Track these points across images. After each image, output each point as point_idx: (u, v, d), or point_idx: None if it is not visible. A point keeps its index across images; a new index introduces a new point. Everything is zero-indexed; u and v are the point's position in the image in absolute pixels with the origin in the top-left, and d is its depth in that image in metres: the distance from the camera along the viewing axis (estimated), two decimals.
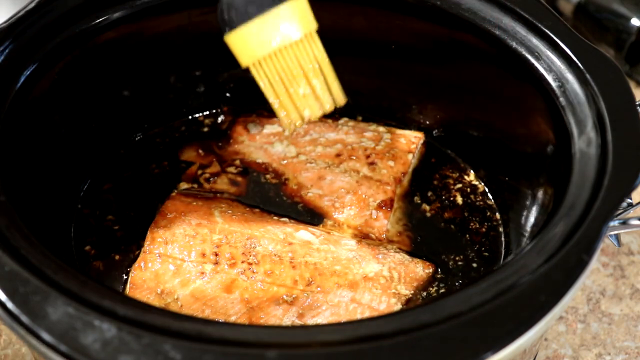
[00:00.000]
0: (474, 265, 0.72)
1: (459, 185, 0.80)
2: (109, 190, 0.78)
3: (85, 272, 0.70)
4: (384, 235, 0.74)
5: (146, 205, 0.76)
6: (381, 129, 0.82)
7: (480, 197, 0.79)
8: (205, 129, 0.85)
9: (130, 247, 0.72)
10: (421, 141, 0.81)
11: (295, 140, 0.81)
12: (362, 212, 0.75)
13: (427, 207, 0.78)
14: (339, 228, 0.74)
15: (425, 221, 0.76)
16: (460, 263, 0.72)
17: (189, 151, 0.82)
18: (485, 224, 0.76)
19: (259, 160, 0.80)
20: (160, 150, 0.82)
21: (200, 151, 0.81)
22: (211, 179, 0.78)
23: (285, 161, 0.79)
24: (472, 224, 0.76)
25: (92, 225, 0.74)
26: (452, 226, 0.76)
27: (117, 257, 0.72)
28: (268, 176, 0.79)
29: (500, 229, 0.76)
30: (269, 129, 0.82)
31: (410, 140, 0.81)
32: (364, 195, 0.76)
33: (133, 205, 0.76)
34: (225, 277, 0.67)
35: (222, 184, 0.78)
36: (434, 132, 0.84)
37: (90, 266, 0.71)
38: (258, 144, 0.81)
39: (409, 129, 0.84)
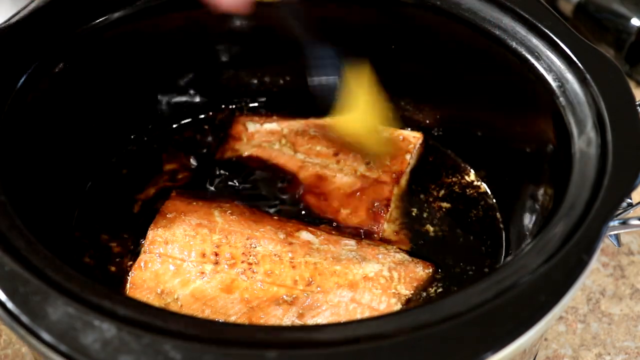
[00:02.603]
0: (474, 265, 0.72)
1: (459, 185, 0.80)
2: (106, 191, 0.78)
3: (85, 271, 0.70)
4: (380, 234, 0.74)
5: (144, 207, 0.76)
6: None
7: (481, 197, 0.79)
8: (206, 127, 0.85)
9: (129, 248, 0.72)
10: (419, 141, 0.81)
11: (294, 138, 0.81)
12: (359, 211, 0.75)
13: (427, 207, 0.78)
14: (337, 227, 0.74)
15: (425, 221, 0.76)
16: (460, 263, 0.72)
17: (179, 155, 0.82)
18: (486, 223, 0.76)
19: (258, 158, 0.80)
20: (160, 150, 0.83)
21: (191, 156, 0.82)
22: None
23: (283, 159, 0.79)
24: (472, 223, 0.76)
25: (90, 227, 0.75)
26: (452, 226, 0.76)
27: (116, 258, 0.72)
28: (266, 174, 0.78)
29: (501, 229, 0.76)
30: (268, 127, 0.82)
31: (409, 140, 0.81)
32: (361, 195, 0.76)
33: (132, 207, 0.77)
34: (225, 277, 0.67)
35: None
36: (434, 132, 0.84)
37: (89, 265, 0.71)
38: (257, 142, 0.81)
39: (409, 128, 0.84)
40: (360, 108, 0.69)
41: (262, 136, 0.81)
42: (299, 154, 0.79)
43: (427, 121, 0.84)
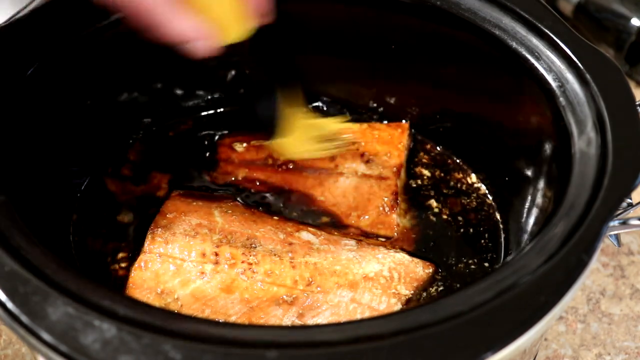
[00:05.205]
0: (474, 265, 0.72)
1: (459, 186, 0.80)
2: (105, 191, 0.78)
3: (85, 271, 0.70)
4: (395, 229, 0.74)
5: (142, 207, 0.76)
6: (364, 126, 0.82)
7: (480, 198, 0.79)
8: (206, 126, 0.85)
9: (129, 247, 0.72)
10: (407, 131, 0.81)
11: None
12: (369, 210, 0.75)
13: (427, 208, 0.78)
14: (348, 231, 0.74)
15: (426, 221, 0.76)
16: (460, 263, 0.72)
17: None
18: (485, 224, 0.76)
19: (254, 177, 0.79)
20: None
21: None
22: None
23: (280, 175, 0.78)
24: (472, 224, 0.76)
25: (91, 226, 0.75)
26: (452, 226, 0.76)
27: (116, 256, 0.72)
28: (267, 191, 0.78)
29: (501, 229, 0.76)
30: (255, 143, 0.80)
31: (398, 131, 0.81)
32: (368, 194, 0.76)
33: (132, 206, 0.77)
34: (225, 277, 0.67)
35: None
36: (433, 132, 0.84)
37: (89, 264, 0.71)
38: (249, 161, 0.80)
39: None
40: (296, 131, 0.72)
41: (253, 155, 0.80)
42: (294, 166, 0.79)
43: (427, 121, 0.84)
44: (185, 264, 0.67)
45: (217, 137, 0.83)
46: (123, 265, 0.71)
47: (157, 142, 0.83)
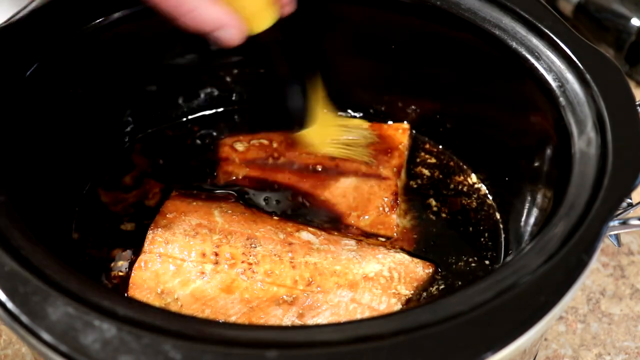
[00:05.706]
0: (474, 265, 0.72)
1: (459, 186, 0.80)
2: (106, 190, 0.78)
3: (85, 271, 0.70)
4: (395, 229, 0.73)
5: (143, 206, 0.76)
6: (365, 125, 0.82)
7: (481, 198, 0.79)
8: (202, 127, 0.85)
9: (131, 247, 0.72)
10: (408, 131, 0.82)
11: (285, 150, 0.79)
12: (369, 211, 0.75)
13: (427, 208, 0.78)
14: (348, 230, 0.74)
15: (426, 221, 0.76)
16: (460, 263, 0.72)
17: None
18: (485, 224, 0.76)
19: (254, 177, 0.78)
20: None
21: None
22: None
23: (281, 174, 0.78)
24: (472, 224, 0.76)
25: (92, 225, 0.75)
26: (452, 226, 0.76)
27: (116, 257, 0.72)
28: (268, 190, 0.77)
29: (501, 229, 0.76)
30: (256, 142, 0.81)
31: (398, 132, 0.81)
32: (368, 195, 0.76)
33: (132, 206, 0.77)
34: (225, 277, 0.67)
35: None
36: (434, 132, 0.84)
37: (89, 265, 0.71)
38: (250, 161, 0.79)
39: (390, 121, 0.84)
40: (319, 120, 0.74)
41: (254, 153, 0.80)
42: (295, 166, 0.78)
43: (427, 121, 0.84)
44: (185, 264, 0.67)
45: (217, 137, 0.83)
46: (124, 265, 0.71)
47: (158, 142, 0.83)
